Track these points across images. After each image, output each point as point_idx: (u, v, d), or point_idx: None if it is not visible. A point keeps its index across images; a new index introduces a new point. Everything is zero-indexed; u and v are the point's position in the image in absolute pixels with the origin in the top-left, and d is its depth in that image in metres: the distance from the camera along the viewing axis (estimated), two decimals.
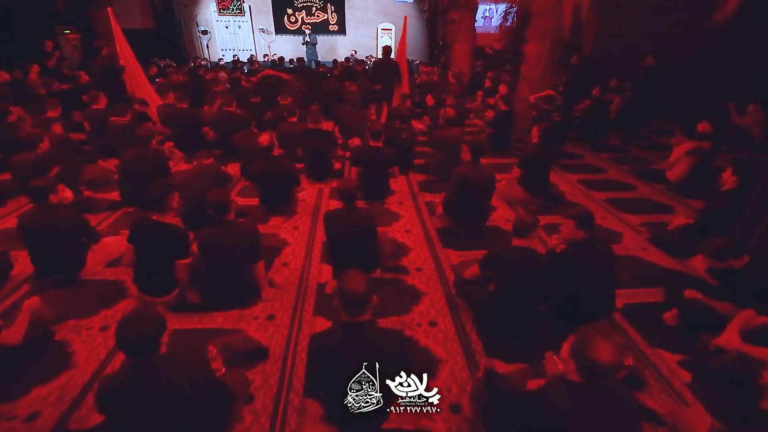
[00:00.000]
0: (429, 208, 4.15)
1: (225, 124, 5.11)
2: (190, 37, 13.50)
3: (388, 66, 6.86)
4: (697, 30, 6.62)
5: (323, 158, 4.51)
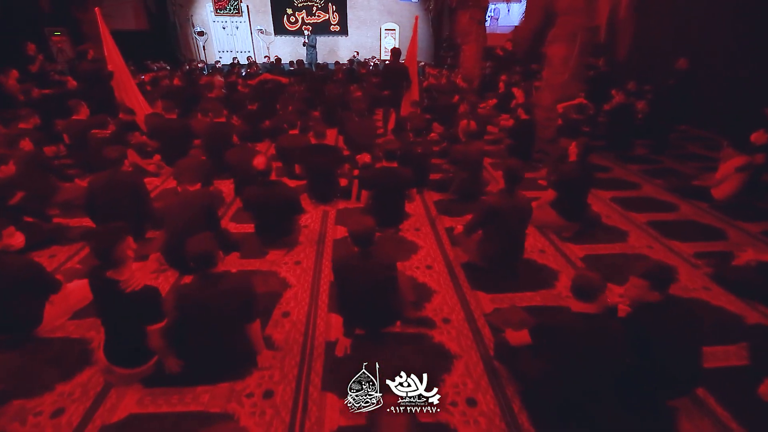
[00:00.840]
0: (450, 236, 3.62)
1: (217, 138, 4.59)
2: (186, 39, 12.98)
3: (397, 70, 6.33)
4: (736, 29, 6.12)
5: (328, 177, 3.99)
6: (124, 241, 1.89)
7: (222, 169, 4.70)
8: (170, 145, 4.71)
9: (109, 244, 1.85)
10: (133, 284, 1.86)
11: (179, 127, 4.65)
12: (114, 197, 3.24)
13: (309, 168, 3.92)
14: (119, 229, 1.92)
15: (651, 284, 1.92)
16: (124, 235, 1.90)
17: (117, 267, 1.89)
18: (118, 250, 1.86)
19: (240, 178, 4.05)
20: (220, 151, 4.62)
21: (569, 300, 2.88)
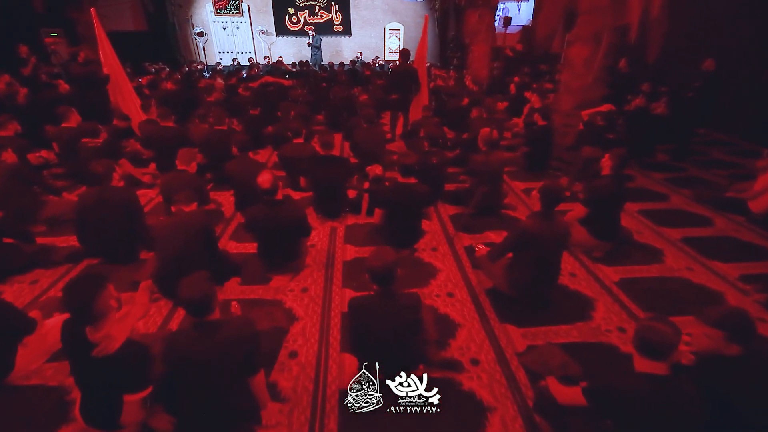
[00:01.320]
0: (471, 257, 3.31)
1: (217, 147, 4.29)
2: (185, 40, 12.68)
3: (406, 72, 6.01)
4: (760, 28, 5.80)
5: (336, 191, 3.67)
6: (104, 290, 1.58)
7: (221, 179, 4.41)
8: (166, 155, 4.39)
9: (87, 298, 1.53)
10: (106, 348, 1.54)
11: (175, 136, 4.34)
12: (104, 216, 2.95)
13: (315, 181, 3.61)
14: (98, 278, 1.60)
15: (729, 335, 1.61)
16: (105, 284, 1.59)
17: (96, 323, 1.57)
18: (97, 303, 1.55)
19: (241, 192, 3.75)
20: (220, 161, 4.33)
21: (610, 335, 2.62)
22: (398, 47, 13.48)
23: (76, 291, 1.55)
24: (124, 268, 3.09)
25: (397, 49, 13.52)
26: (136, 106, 5.88)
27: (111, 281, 1.65)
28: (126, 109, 5.79)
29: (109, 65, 5.59)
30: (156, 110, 4.89)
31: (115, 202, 2.93)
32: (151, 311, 2.67)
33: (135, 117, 5.85)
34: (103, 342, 1.54)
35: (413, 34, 13.42)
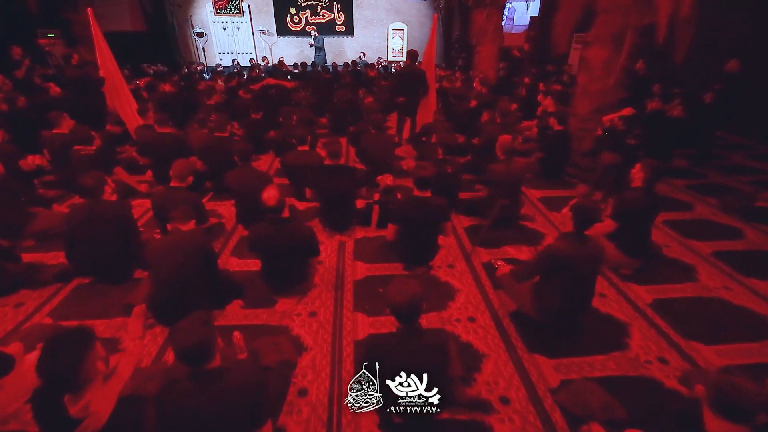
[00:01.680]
0: (491, 275, 3.07)
1: (217, 155, 4.06)
2: (185, 40, 12.45)
3: (414, 74, 5.77)
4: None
5: (344, 203, 3.44)
6: (92, 352, 1.33)
7: (222, 189, 4.17)
8: (163, 163, 4.15)
9: (71, 365, 1.27)
10: (89, 428, 1.30)
11: (173, 143, 4.10)
12: (95, 233, 2.72)
13: (322, 192, 3.37)
14: (84, 336, 1.35)
15: None
16: (92, 344, 1.34)
17: (78, 390, 1.33)
18: (83, 369, 1.30)
19: (242, 204, 3.52)
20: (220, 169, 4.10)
21: (650, 367, 2.38)
22: (402, 47, 13.25)
23: (57, 356, 1.28)
24: (117, 288, 2.86)
25: (400, 49, 13.29)
26: (133, 110, 5.66)
27: (97, 339, 1.40)
28: (123, 113, 5.57)
29: (106, 67, 5.36)
30: (153, 115, 4.67)
31: (107, 217, 2.70)
32: (146, 339, 2.44)
33: (132, 121, 5.62)
34: (87, 420, 1.29)
35: (417, 34, 13.20)
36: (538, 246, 3.53)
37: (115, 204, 2.76)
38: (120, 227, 2.73)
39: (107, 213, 2.69)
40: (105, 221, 2.69)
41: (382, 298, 2.70)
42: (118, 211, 2.74)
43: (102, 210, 2.69)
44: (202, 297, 2.47)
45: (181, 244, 2.36)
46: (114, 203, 2.77)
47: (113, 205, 2.75)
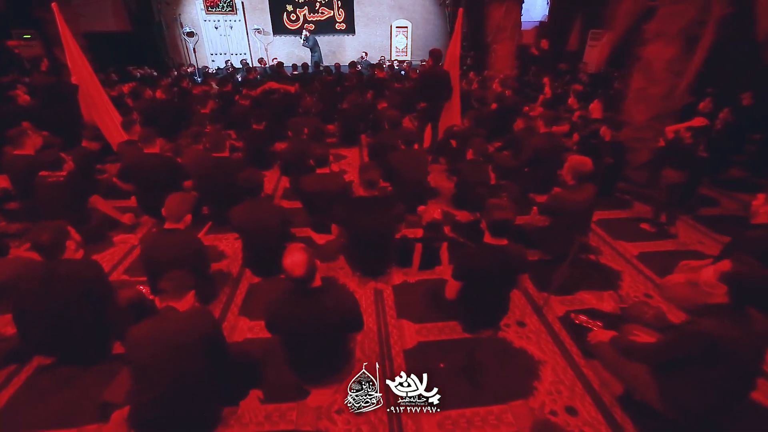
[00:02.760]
0: (575, 336, 2.41)
1: (216, 180, 3.34)
2: (174, 41, 11.60)
3: (437, 77, 5.08)
4: None
5: (383, 244, 2.74)
6: None
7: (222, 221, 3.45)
8: (150, 190, 3.42)
9: None
10: None
11: (162, 166, 3.36)
12: (54, 305, 1.99)
13: (355, 232, 2.67)
14: None
15: None
16: None
17: None
18: None
19: (252, 246, 2.80)
20: (221, 198, 3.38)
21: None
22: (405, 46, 12.55)
23: None
24: (88, 372, 2.14)
25: (404, 48, 12.59)
26: (115, 122, 4.89)
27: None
28: (102, 125, 4.79)
29: (78, 72, 4.58)
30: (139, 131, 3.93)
31: (69, 284, 1.97)
32: None
33: (114, 135, 4.86)
34: None
35: (421, 31, 12.51)
36: (619, 289, 2.87)
37: (80, 265, 2.03)
38: (87, 295, 2.01)
39: (70, 278, 1.97)
40: (67, 289, 1.96)
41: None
42: (84, 275, 2.01)
43: (63, 274, 1.96)
44: (206, 397, 1.77)
45: (174, 337, 1.64)
46: (79, 264, 2.04)
47: (78, 266, 2.02)
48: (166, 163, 3.36)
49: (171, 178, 3.39)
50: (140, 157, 3.39)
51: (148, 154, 3.38)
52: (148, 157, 3.36)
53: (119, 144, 4.16)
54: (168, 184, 3.39)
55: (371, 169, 2.54)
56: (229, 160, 3.38)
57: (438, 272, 3.00)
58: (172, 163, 3.41)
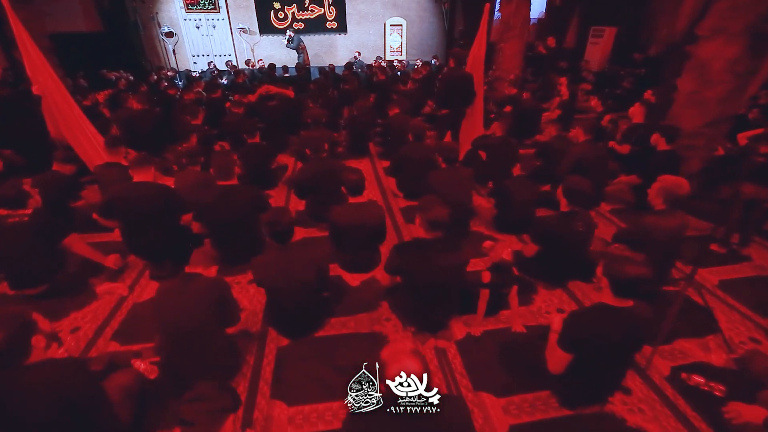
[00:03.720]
0: (702, 406, 1.93)
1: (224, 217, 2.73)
2: (151, 42, 10.70)
3: (461, 80, 4.58)
4: None
5: (447, 295, 2.20)
6: None
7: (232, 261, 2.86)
8: (141, 227, 2.77)
9: None
10: None
11: (155, 198, 2.71)
12: (17, 411, 1.36)
13: (415, 282, 2.12)
14: None
15: None
16: None
17: None
18: None
19: (279, 303, 2.22)
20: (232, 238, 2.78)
21: None
22: (400, 45, 12.02)
23: None
24: None
25: (399, 47, 12.05)
26: (90, 138, 4.15)
27: None
28: (75, 142, 4.07)
29: (40, 80, 3.84)
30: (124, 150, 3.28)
31: (39, 403, 1.35)
32: None
33: (90, 154, 4.13)
34: None
35: (416, 30, 12.00)
36: (721, 334, 2.42)
37: (55, 373, 1.40)
38: (68, 412, 1.39)
39: (40, 393, 1.35)
40: (39, 409, 1.34)
41: None
42: (62, 385, 1.39)
43: (29, 388, 1.34)
44: None
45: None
46: (54, 370, 1.41)
47: (52, 374, 1.39)
48: (161, 194, 2.71)
49: (167, 211, 2.75)
50: (128, 188, 2.73)
51: (138, 184, 2.72)
52: (138, 187, 2.71)
53: (99, 167, 3.47)
54: (163, 219, 2.76)
55: (437, 206, 1.99)
56: (240, 190, 2.76)
57: (504, 319, 2.50)
58: (169, 194, 2.76)
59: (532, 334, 2.41)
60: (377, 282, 2.79)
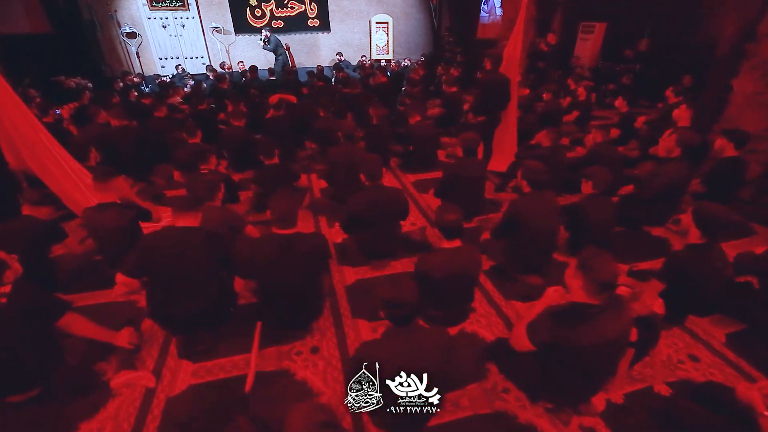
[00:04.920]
0: None
1: (284, 280, 2.12)
2: (111, 44, 9.49)
3: (499, 85, 4.14)
4: None
5: (607, 369, 1.73)
6: None
7: (285, 325, 2.27)
8: (178, 287, 2.10)
9: None
10: None
11: (200, 248, 2.04)
12: None
13: (572, 361, 1.63)
14: None
15: None
16: None
17: None
18: None
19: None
20: (290, 301, 2.18)
21: None
22: (386, 44, 11.46)
23: None
24: None
25: (385, 46, 11.49)
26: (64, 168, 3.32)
27: None
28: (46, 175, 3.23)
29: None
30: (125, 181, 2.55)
31: None
32: None
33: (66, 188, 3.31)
34: None
35: (402, 27, 11.49)
36: None
37: None
38: None
39: None
40: None
41: None
42: None
43: None
44: None
45: None
46: None
47: None
48: (211, 243, 2.03)
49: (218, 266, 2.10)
50: (165, 236, 2.04)
51: (178, 230, 2.03)
52: (179, 234, 2.02)
53: (89, 212, 2.69)
54: (212, 276, 2.11)
55: (609, 264, 1.51)
56: (302, 238, 2.13)
57: (639, 375, 2.09)
58: (220, 244, 2.09)
59: (677, 391, 2.02)
60: (473, 336, 2.30)
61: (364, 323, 2.45)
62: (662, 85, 7.55)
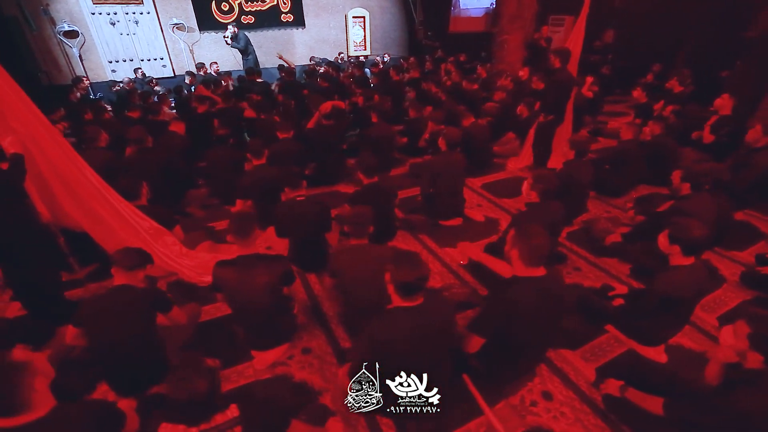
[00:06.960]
0: None
1: None
2: (45, 44, 7.82)
3: (570, 83, 4.10)
4: None
5: None
6: None
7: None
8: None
9: None
10: None
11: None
12: None
13: None
14: None
15: None
16: None
17: None
18: None
19: None
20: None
21: None
22: (363, 39, 10.99)
23: None
24: None
25: (362, 41, 11.01)
26: (120, 213, 2.60)
27: None
28: (100, 230, 2.50)
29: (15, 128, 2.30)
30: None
31: None
32: None
33: (124, 240, 2.58)
34: None
35: (378, 21, 11.10)
36: None
37: None
38: None
39: None
40: None
41: None
42: None
43: None
44: None
45: None
46: None
47: None
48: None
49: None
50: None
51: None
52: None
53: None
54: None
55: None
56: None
57: None
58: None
59: None
60: None
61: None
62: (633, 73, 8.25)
